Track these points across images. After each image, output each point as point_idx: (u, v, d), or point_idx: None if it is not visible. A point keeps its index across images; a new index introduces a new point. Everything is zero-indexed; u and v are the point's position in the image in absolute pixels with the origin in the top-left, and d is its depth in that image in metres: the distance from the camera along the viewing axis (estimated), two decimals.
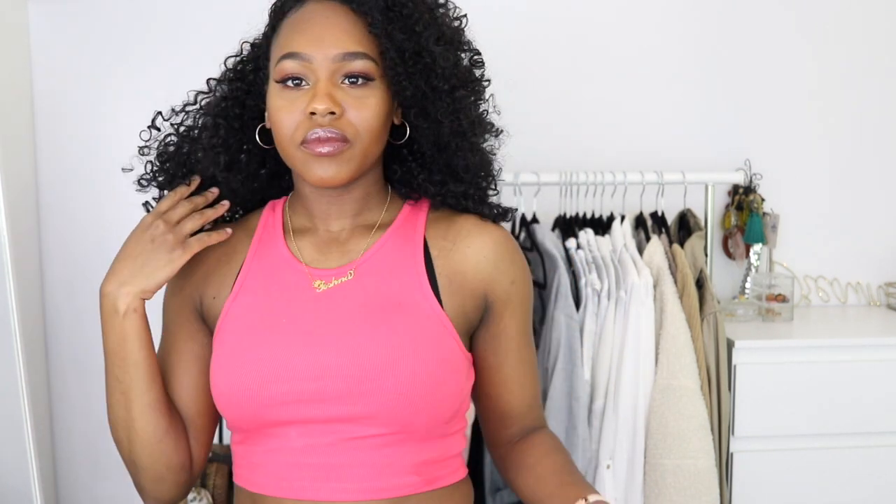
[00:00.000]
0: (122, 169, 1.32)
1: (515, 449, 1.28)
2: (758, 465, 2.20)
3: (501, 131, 1.29)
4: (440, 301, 1.19)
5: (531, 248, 2.12)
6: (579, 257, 2.08)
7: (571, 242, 2.11)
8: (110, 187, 2.38)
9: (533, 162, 2.34)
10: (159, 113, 1.29)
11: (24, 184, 2.28)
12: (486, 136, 1.27)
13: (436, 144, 1.21)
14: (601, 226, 2.21)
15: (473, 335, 1.26)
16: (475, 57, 1.26)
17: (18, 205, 2.17)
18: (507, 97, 2.45)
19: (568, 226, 2.20)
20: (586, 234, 2.12)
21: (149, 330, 1.21)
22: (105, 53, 2.35)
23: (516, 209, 1.30)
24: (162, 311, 1.30)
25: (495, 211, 1.28)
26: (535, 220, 2.18)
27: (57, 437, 2.40)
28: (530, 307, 1.31)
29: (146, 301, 1.20)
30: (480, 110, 1.25)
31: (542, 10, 2.47)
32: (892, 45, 2.59)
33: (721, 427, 2.11)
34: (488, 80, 1.27)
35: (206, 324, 1.25)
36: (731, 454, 2.18)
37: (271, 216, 1.27)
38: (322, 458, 1.14)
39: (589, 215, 2.23)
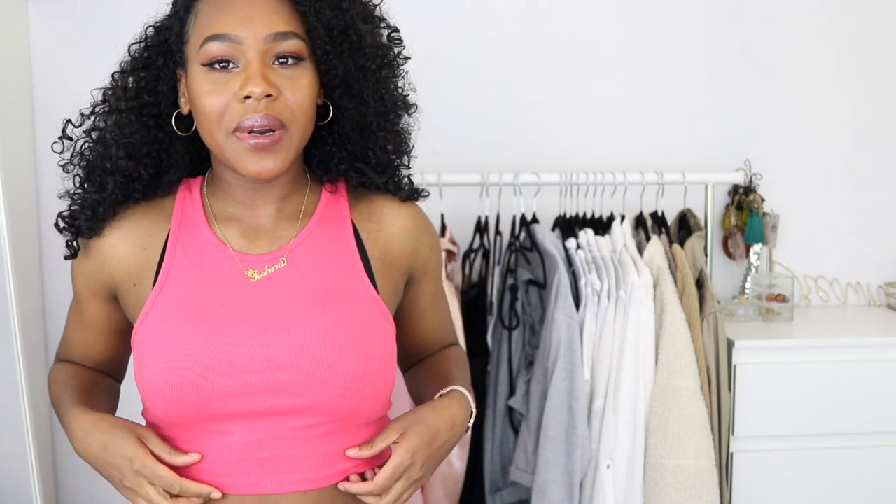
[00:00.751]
0: (59, 196, 1.25)
1: (421, 362, 1.38)
2: (758, 465, 2.20)
3: (416, 107, 1.26)
4: (375, 285, 1.19)
5: (531, 248, 2.12)
6: (579, 257, 2.08)
7: (571, 242, 2.11)
8: None
9: (533, 162, 2.34)
10: (69, 121, 1.24)
11: (24, 184, 2.28)
12: (404, 114, 1.25)
13: (357, 124, 1.19)
14: (601, 226, 2.21)
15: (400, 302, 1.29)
16: (393, 34, 1.23)
17: (18, 205, 2.17)
18: (507, 97, 2.47)
19: (568, 226, 2.20)
20: (586, 234, 2.12)
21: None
22: (105, 53, 2.33)
23: (428, 193, 1.30)
24: (71, 283, 1.26)
25: (412, 192, 1.27)
26: (535, 220, 2.18)
27: (57, 437, 2.40)
28: (442, 264, 1.38)
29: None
30: (398, 88, 1.23)
31: (543, 10, 2.47)
32: (892, 45, 2.59)
33: (721, 427, 2.11)
34: (407, 58, 1.24)
35: (121, 307, 1.22)
36: (731, 454, 2.18)
37: (188, 198, 1.21)
38: (267, 452, 1.13)
39: (589, 215, 2.23)
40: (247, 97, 1.07)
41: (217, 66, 1.09)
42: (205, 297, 1.14)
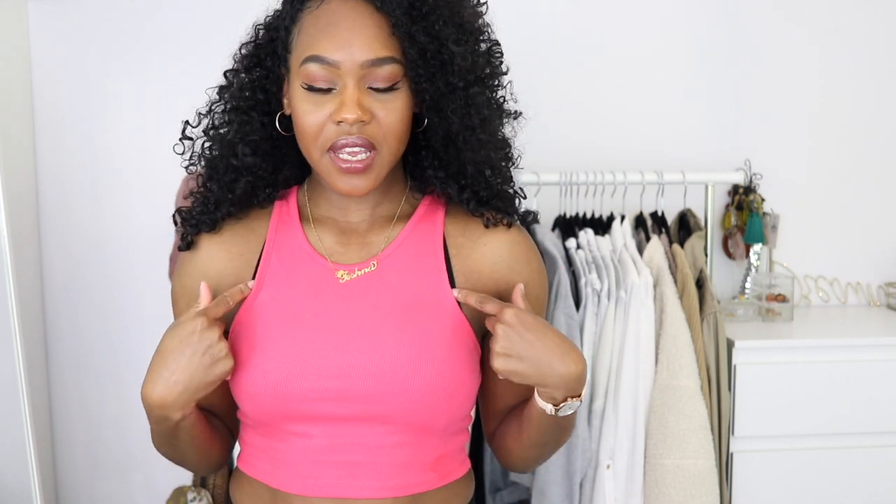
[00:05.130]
0: (185, 197, 1.28)
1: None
2: (758, 465, 2.20)
3: (520, 114, 1.26)
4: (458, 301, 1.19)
5: None
6: (579, 257, 2.08)
7: (571, 242, 2.11)
8: (110, 186, 2.38)
9: (533, 162, 2.33)
10: (187, 122, 1.25)
11: (24, 184, 2.28)
12: (500, 126, 1.24)
13: (444, 138, 1.20)
14: (601, 226, 2.21)
15: (485, 334, 1.24)
16: (493, 48, 1.24)
17: (18, 205, 2.17)
18: (507, 97, 2.47)
19: (568, 226, 2.20)
20: (586, 234, 2.12)
21: (199, 413, 1.18)
22: (104, 53, 2.35)
23: (536, 212, 1.27)
24: (172, 303, 1.26)
25: (497, 217, 1.24)
26: (535, 219, 2.18)
27: (57, 437, 2.40)
28: (544, 306, 1.29)
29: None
30: (494, 100, 1.23)
31: (543, 10, 2.47)
32: (893, 45, 2.59)
33: (721, 427, 2.11)
34: (506, 71, 1.25)
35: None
36: (731, 454, 2.18)
37: (285, 205, 1.25)
38: (344, 457, 1.16)
39: (589, 215, 2.23)
40: (340, 121, 1.10)
41: (315, 87, 1.12)
42: (295, 301, 1.17)
